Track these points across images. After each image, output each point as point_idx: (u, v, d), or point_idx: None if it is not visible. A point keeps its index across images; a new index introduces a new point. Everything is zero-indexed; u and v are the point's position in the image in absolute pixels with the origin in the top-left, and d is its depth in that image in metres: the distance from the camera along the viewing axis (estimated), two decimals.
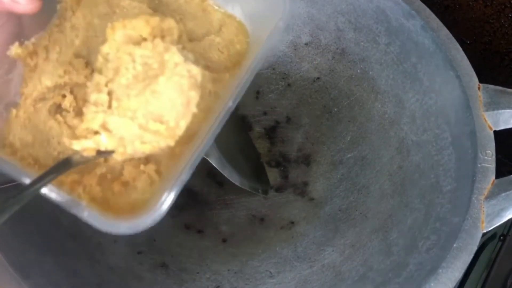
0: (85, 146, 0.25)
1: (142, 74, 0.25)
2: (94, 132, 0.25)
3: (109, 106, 0.25)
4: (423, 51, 0.43)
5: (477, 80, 0.39)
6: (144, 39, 0.26)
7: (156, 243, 0.43)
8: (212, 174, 0.47)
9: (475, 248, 0.33)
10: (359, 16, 0.47)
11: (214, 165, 0.41)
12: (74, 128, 0.27)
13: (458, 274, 0.33)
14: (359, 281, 0.39)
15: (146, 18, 0.26)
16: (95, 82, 0.26)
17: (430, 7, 0.43)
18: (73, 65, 0.28)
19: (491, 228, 0.34)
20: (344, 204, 0.46)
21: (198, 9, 0.31)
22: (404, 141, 0.45)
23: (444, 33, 0.42)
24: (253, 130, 0.51)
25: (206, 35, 0.30)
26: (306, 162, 0.49)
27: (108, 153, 0.26)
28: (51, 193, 0.25)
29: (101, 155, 0.26)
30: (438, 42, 0.41)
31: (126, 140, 0.25)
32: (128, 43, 0.26)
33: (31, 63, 0.28)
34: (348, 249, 0.42)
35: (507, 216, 0.34)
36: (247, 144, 0.50)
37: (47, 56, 0.29)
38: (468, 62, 0.40)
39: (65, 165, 0.25)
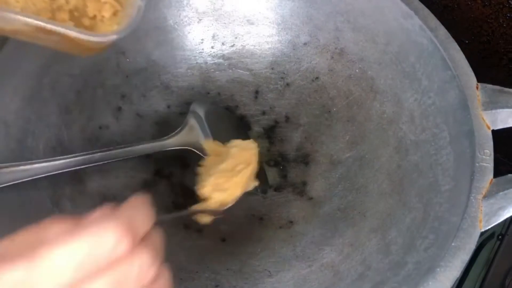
0: None
1: None
2: None
3: None
4: (422, 51, 0.43)
5: (476, 80, 0.39)
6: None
7: None
8: None
9: (473, 247, 0.33)
10: (358, 16, 0.47)
11: None
12: None
13: (456, 273, 0.33)
14: (358, 280, 0.39)
15: None
16: None
17: (429, 7, 0.43)
18: None
19: (489, 227, 0.34)
20: (343, 204, 0.46)
21: None
22: (403, 141, 0.45)
23: (443, 33, 0.42)
24: (252, 130, 0.51)
25: None
26: (305, 162, 0.49)
27: None
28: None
29: None
30: (437, 42, 0.41)
31: None
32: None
33: None
34: (347, 248, 0.42)
35: (505, 215, 0.34)
36: None
37: None
38: (467, 62, 0.40)
39: None
